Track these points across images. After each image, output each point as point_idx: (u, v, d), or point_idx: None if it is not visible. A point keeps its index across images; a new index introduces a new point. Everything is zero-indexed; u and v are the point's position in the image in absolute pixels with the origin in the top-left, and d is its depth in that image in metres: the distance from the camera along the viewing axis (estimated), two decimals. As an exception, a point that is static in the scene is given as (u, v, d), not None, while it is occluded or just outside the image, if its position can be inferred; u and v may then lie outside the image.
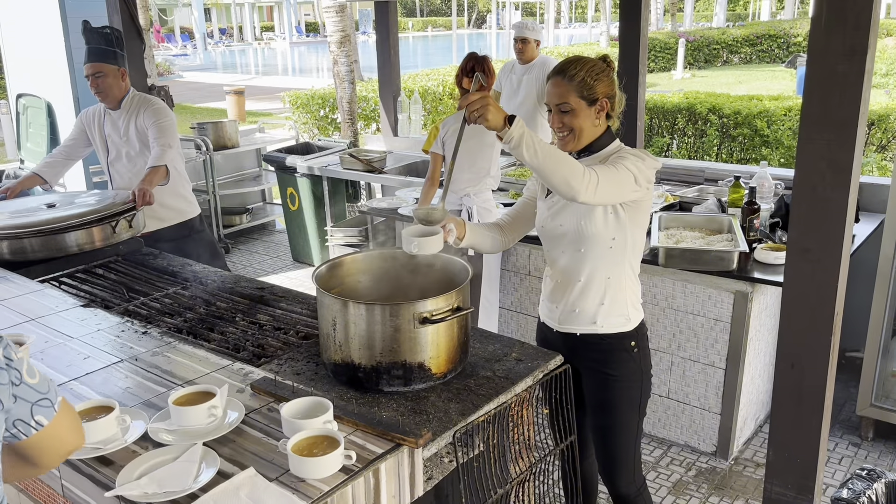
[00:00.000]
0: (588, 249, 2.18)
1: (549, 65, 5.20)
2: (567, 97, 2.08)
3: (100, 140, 3.74)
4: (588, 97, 2.09)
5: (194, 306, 2.65)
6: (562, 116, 2.11)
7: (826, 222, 2.13)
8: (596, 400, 2.31)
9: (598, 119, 2.13)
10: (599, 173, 1.96)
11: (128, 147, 3.69)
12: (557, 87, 2.10)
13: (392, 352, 1.91)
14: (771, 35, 22.30)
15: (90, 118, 3.76)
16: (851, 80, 2.01)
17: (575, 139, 2.12)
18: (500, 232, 2.35)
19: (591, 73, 2.08)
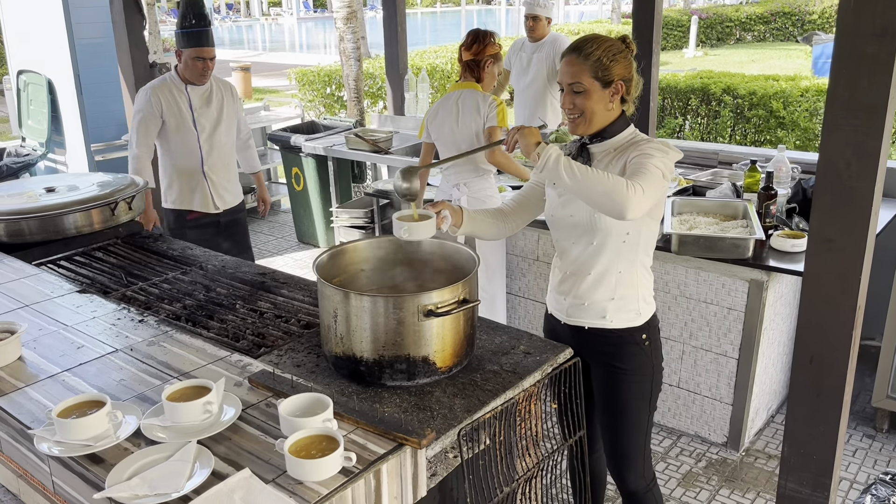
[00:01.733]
0: (600, 243, 2.09)
1: (560, 43, 5.07)
2: (580, 77, 1.98)
3: (188, 118, 3.63)
4: (603, 78, 1.98)
5: (193, 292, 2.59)
6: (573, 97, 2.01)
7: (850, 212, 2.04)
8: (605, 394, 2.23)
9: (612, 103, 2.02)
10: (642, 183, 1.87)
11: (214, 120, 3.68)
12: (571, 65, 1.99)
13: (395, 345, 1.83)
14: (786, 13, 21.90)
15: (167, 99, 3.60)
16: (882, 61, 1.91)
17: (586, 122, 2.02)
18: (502, 218, 2.25)
19: (607, 53, 1.98)
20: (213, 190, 3.76)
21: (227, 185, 3.83)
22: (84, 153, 5.42)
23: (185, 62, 3.54)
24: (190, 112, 3.62)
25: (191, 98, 3.63)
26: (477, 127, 3.49)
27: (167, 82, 3.62)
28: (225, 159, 3.79)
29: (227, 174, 3.83)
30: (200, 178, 3.72)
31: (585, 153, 2.09)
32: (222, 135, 3.73)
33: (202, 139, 3.67)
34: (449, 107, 3.52)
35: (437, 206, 2.06)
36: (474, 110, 3.46)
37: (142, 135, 3.61)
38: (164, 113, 3.59)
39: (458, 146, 3.53)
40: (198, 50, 3.50)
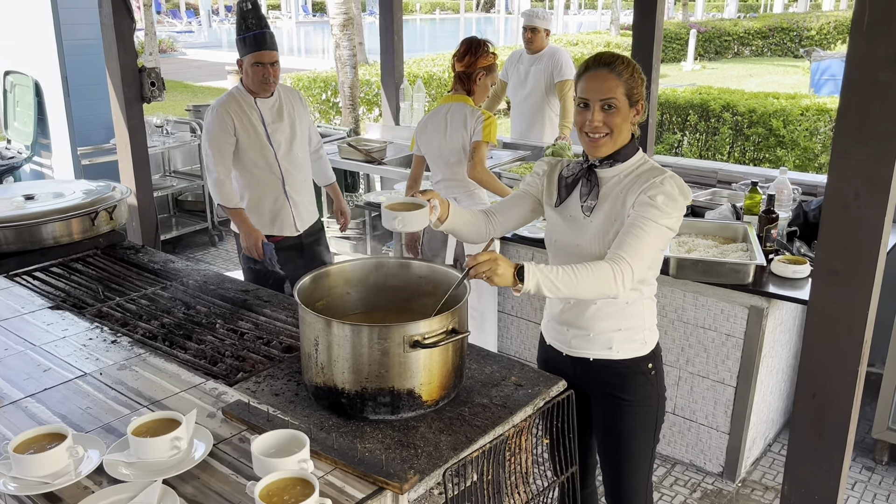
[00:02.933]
0: None
1: (558, 55, 5.00)
2: (615, 92, 1.89)
3: (262, 134, 3.27)
4: (632, 97, 1.92)
5: (172, 309, 2.48)
6: (604, 114, 1.90)
7: (858, 243, 1.95)
8: (609, 426, 2.13)
9: (633, 123, 1.96)
10: (634, 257, 1.82)
11: (289, 134, 3.34)
12: (605, 80, 1.89)
13: (379, 377, 1.73)
14: (784, 28, 21.96)
15: (238, 115, 3.24)
16: (893, 89, 1.82)
17: (611, 141, 1.93)
18: (484, 220, 2.14)
19: (638, 72, 1.93)
20: (295, 211, 3.41)
21: (307, 203, 3.49)
22: (70, 157, 5.31)
23: (246, 70, 3.20)
24: (263, 127, 3.26)
25: (262, 112, 3.27)
26: (463, 141, 3.38)
27: (234, 97, 3.26)
28: (304, 175, 3.45)
29: (308, 192, 3.49)
30: (283, 199, 3.35)
31: (593, 177, 1.99)
32: (299, 149, 3.39)
33: (280, 156, 3.30)
34: (437, 121, 3.42)
35: (427, 195, 1.96)
36: (461, 125, 3.36)
37: (218, 156, 3.23)
38: (237, 130, 3.23)
39: (446, 160, 3.43)
40: (256, 54, 3.16)
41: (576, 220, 2.02)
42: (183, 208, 6.34)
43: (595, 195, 1.98)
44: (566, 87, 4.97)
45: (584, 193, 1.99)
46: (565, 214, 2.04)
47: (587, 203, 1.98)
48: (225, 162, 3.25)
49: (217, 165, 3.24)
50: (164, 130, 5.82)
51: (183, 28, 32.28)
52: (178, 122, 5.98)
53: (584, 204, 1.99)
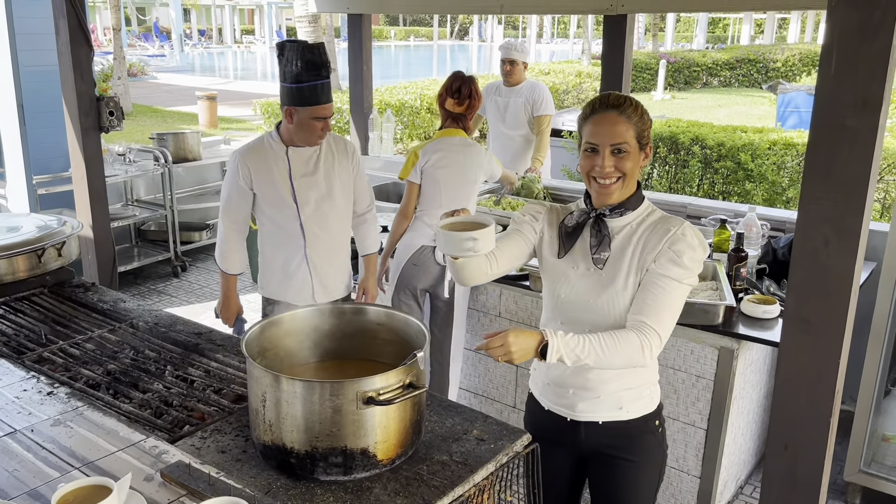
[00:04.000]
0: (616, 328, 1.85)
1: (538, 90, 4.98)
2: (627, 136, 1.80)
3: (285, 189, 2.86)
4: (641, 140, 1.83)
5: (119, 354, 2.36)
6: (616, 159, 1.80)
7: (828, 292, 1.90)
8: (612, 490, 2.02)
9: (642, 167, 1.88)
10: (660, 324, 1.76)
11: (323, 190, 2.92)
12: (615, 124, 1.79)
13: (331, 436, 1.63)
14: (751, 59, 22.42)
15: (259, 167, 2.85)
16: (862, 135, 1.79)
17: (622, 186, 1.83)
18: (487, 261, 1.97)
19: (645, 114, 1.84)
20: (316, 279, 2.98)
21: (335, 272, 3.04)
22: (25, 186, 5.15)
23: (301, 123, 2.77)
24: (289, 182, 2.86)
25: (291, 164, 2.86)
26: (477, 175, 3.44)
27: (264, 145, 2.88)
28: (336, 240, 3.01)
29: (339, 260, 3.05)
30: (301, 263, 2.95)
31: (603, 227, 1.87)
32: (332, 208, 2.94)
33: (304, 215, 2.89)
34: (453, 154, 3.37)
35: (462, 213, 1.83)
36: (476, 157, 3.42)
37: (225, 209, 2.92)
38: (253, 183, 2.86)
39: (459, 192, 3.39)
40: (318, 108, 2.75)
41: (585, 274, 1.89)
42: (146, 238, 6.19)
43: (607, 246, 1.86)
44: (544, 122, 4.96)
45: (594, 244, 1.87)
46: (571, 267, 1.91)
47: (599, 255, 1.86)
48: (232, 215, 2.92)
49: (225, 221, 2.94)
50: (126, 158, 5.68)
51: (155, 52, 32.09)
52: (142, 151, 5.84)
53: (595, 256, 1.86)
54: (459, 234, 1.72)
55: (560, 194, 4.54)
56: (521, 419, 3.53)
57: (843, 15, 1.75)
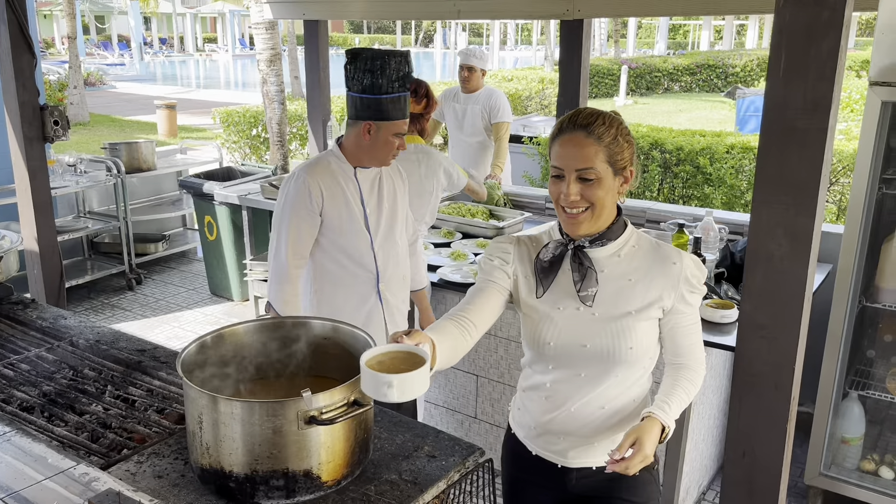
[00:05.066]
0: (624, 373, 1.69)
1: (495, 97, 4.96)
2: (594, 161, 1.58)
3: (359, 215, 2.53)
4: (615, 164, 1.60)
5: (56, 374, 2.25)
6: (582, 186, 1.59)
7: (782, 297, 1.88)
8: None
9: (620, 194, 1.66)
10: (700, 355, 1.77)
11: (389, 217, 2.62)
12: (581, 146, 1.58)
13: (271, 458, 1.55)
14: (710, 65, 22.76)
15: (331, 188, 2.48)
16: (812, 137, 1.77)
17: (593, 218, 1.61)
18: (459, 333, 1.64)
19: (622, 133, 1.62)
20: (389, 317, 2.66)
21: (403, 309, 2.75)
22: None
23: (381, 140, 2.44)
24: (361, 207, 2.53)
25: (361, 186, 2.54)
26: (434, 184, 3.30)
27: (329, 163, 2.50)
28: (403, 272, 2.71)
29: (405, 295, 2.75)
30: (375, 301, 2.61)
31: (585, 260, 1.66)
32: (399, 237, 2.67)
33: (376, 245, 2.57)
34: (407, 163, 3.17)
35: (415, 336, 1.47)
36: (433, 165, 3.28)
37: (294, 241, 2.47)
38: (324, 210, 2.47)
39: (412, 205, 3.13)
40: (401, 123, 2.46)
41: (574, 315, 1.67)
42: (99, 251, 6.02)
43: (593, 280, 1.65)
44: (502, 129, 4.94)
45: (578, 279, 1.65)
46: (555, 307, 1.69)
47: (586, 292, 1.64)
48: (300, 250, 2.49)
49: (290, 254, 2.47)
50: (77, 169, 5.51)
51: (114, 60, 31.55)
52: (93, 161, 5.68)
53: (582, 293, 1.65)
54: (375, 374, 1.37)
55: (521, 200, 4.51)
56: (482, 429, 3.48)
57: (791, 15, 1.72)
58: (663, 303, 1.66)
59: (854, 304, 2.93)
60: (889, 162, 2.85)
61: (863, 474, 3.06)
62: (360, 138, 2.46)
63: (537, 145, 6.74)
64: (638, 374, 1.72)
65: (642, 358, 1.69)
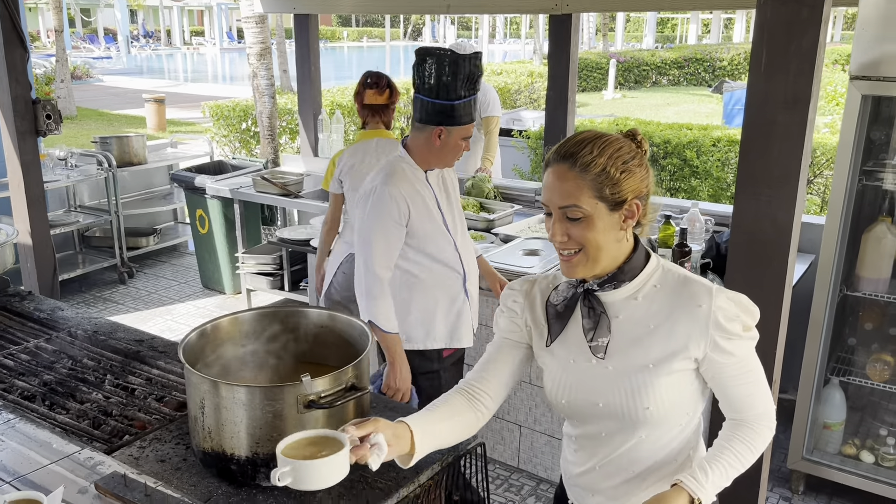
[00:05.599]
0: (650, 433, 1.44)
1: (485, 91, 5.01)
2: (578, 197, 1.34)
3: (439, 220, 2.51)
4: (608, 198, 1.35)
5: (56, 364, 2.29)
6: (567, 225, 1.37)
7: (764, 286, 1.95)
8: None
9: (624, 230, 1.38)
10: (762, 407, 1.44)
11: (457, 213, 2.61)
12: (563, 180, 1.36)
13: (272, 441, 1.60)
14: (698, 59, 22.88)
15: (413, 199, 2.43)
16: (793, 131, 1.84)
17: (588, 261, 1.38)
18: (466, 406, 1.50)
19: (616, 161, 1.35)
20: (472, 309, 2.64)
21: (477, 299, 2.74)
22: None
23: (450, 144, 2.41)
24: (439, 210, 2.50)
25: (434, 190, 2.51)
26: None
27: (404, 171, 2.44)
28: (475, 263, 2.70)
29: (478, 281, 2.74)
30: (463, 301, 2.58)
31: (596, 303, 1.43)
32: (466, 230, 2.69)
33: (458, 245, 2.56)
34: (369, 159, 3.19)
35: (363, 426, 1.32)
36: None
37: (389, 256, 2.43)
38: (411, 219, 2.43)
39: None
40: (471, 126, 2.44)
41: (587, 369, 1.45)
42: (90, 244, 6.03)
43: (606, 329, 1.42)
44: (492, 123, 5.00)
45: (589, 327, 1.43)
46: (564, 358, 1.48)
47: (597, 342, 1.42)
48: (389, 263, 2.44)
49: (383, 268, 2.42)
50: (67, 163, 5.52)
51: (101, 54, 31.33)
52: (84, 155, 5.69)
53: (592, 344, 1.43)
54: (280, 458, 1.29)
55: (510, 193, 4.56)
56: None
57: (771, 12, 1.79)
58: (690, 352, 1.38)
59: (835, 293, 3.00)
60: (869, 154, 2.93)
61: (844, 458, 3.15)
62: (430, 143, 2.43)
63: (527, 139, 6.79)
64: (672, 434, 1.45)
65: (668, 417, 1.42)
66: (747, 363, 1.41)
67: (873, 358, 3.10)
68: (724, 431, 1.46)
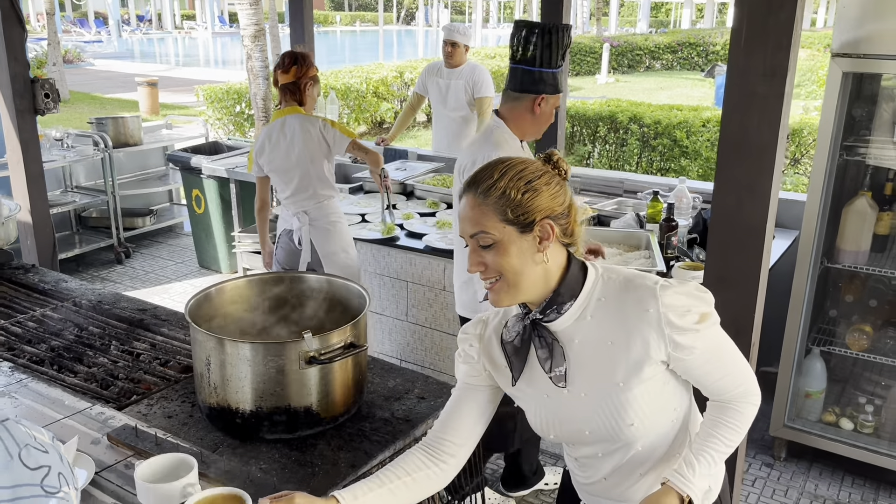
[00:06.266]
0: (644, 442, 1.43)
1: (478, 72, 5.07)
2: (484, 224, 1.32)
3: None
4: (517, 220, 1.31)
5: (62, 331, 2.36)
6: (482, 254, 1.33)
7: (743, 251, 2.04)
8: None
9: (542, 252, 1.33)
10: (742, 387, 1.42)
11: None
12: (470, 207, 1.33)
13: (274, 396, 1.69)
14: (691, 43, 22.89)
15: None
16: (771, 102, 1.92)
17: (509, 288, 1.34)
18: (425, 463, 1.46)
19: (517, 182, 1.31)
20: None
21: None
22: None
23: (547, 112, 2.50)
24: None
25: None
26: (311, 153, 3.26)
27: (507, 141, 2.48)
28: None
29: None
30: None
31: (545, 333, 1.39)
32: None
33: None
34: (276, 138, 3.28)
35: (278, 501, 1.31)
36: (303, 136, 3.24)
37: None
38: None
39: (293, 175, 3.30)
40: (560, 96, 2.57)
41: (560, 401, 1.43)
42: (87, 225, 6.08)
43: (561, 356, 1.38)
44: (485, 104, 5.06)
45: (545, 357, 1.39)
46: (537, 396, 1.45)
47: (555, 372, 1.39)
48: None
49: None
50: (64, 144, 5.57)
51: (91, 38, 31.12)
52: (80, 136, 5.74)
53: (551, 374, 1.39)
54: None
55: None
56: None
57: (751, -11, 1.86)
58: (653, 358, 1.34)
59: (816, 265, 3.10)
60: (850, 130, 3.01)
61: (825, 426, 3.26)
62: (529, 112, 2.48)
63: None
64: (666, 429, 1.44)
65: (656, 423, 1.41)
66: (715, 350, 1.38)
67: (853, 328, 3.21)
68: (707, 415, 1.45)
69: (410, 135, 10.99)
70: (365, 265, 3.75)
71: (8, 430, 0.88)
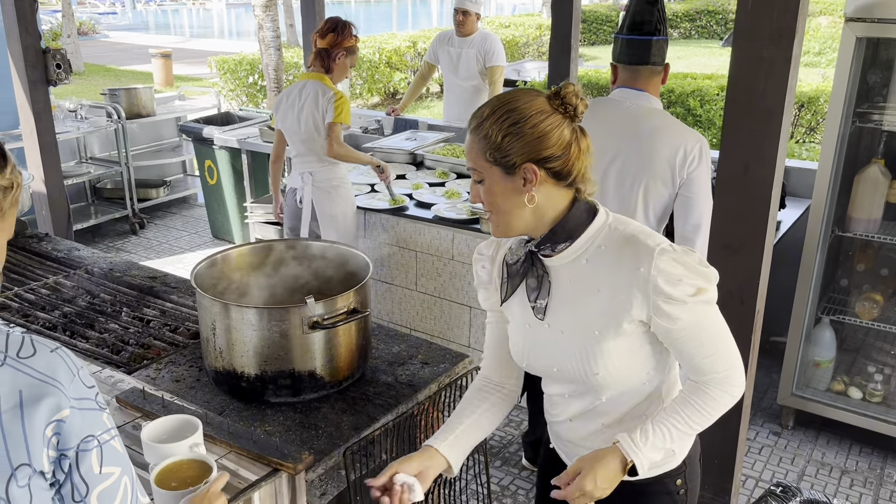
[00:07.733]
0: (610, 394, 1.42)
1: (489, 41, 5.02)
2: (474, 160, 1.34)
3: None
4: (501, 161, 1.30)
5: (75, 298, 2.41)
6: (478, 188, 1.36)
7: (749, 217, 2.03)
8: None
9: (525, 196, 1.31)
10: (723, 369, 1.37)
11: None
12: (468, 142, 1.36)
13: (279, 359, 1.72)
14: (710, 11, 22.47)
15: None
16: (778, 65, 1.89)
17: (501, 224, 1.36)
18: (488, 395, 1.54)
19: (501, 124, 1.29)
20: None
21: None
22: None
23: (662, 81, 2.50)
24: None
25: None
26: (315, 120, 3.35)
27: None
28: None
29: None
30: None
31: (538, 265, 1.39)
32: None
33: None
34: (293, 98, 3.41)
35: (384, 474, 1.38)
36: (313, 103, 3.35)
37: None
38: None
39: (300, 137, 3.41)
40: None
41: (540, 333, 1.42)
42: (101, 196, 6.14)
43: (546, 291, 1.39)
44: (496, 72, 5.02)
45: (532, 287, 1.40)
46: (521, 323, 1.45)
47: (537, 303, 1.40)
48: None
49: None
50: (77, 115, 5.60)
51: (106, 10, 31.09)
52: (94, 107, 5.76)
53: (533, 303, 1.41)
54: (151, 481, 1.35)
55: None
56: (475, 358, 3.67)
57: (759, -50, 1.83)
58: (633, 316, 1.32)
59: (827, 234, 3.07)
60: (864, 96, 2.97)
61: (833, 395, 3.25)
62: (661, 83, 2.49)
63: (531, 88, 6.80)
64: (635, 389, 1.42)
65: (622, 381, 1.40)
66: (701, 327, 1.33)
67: (863, 297, 3.19)
68: (682, 391, 1.42)
69: (423, 105, 10.93)
70: (374, 235, 3.76)
71: (66, 353, 1.00)
